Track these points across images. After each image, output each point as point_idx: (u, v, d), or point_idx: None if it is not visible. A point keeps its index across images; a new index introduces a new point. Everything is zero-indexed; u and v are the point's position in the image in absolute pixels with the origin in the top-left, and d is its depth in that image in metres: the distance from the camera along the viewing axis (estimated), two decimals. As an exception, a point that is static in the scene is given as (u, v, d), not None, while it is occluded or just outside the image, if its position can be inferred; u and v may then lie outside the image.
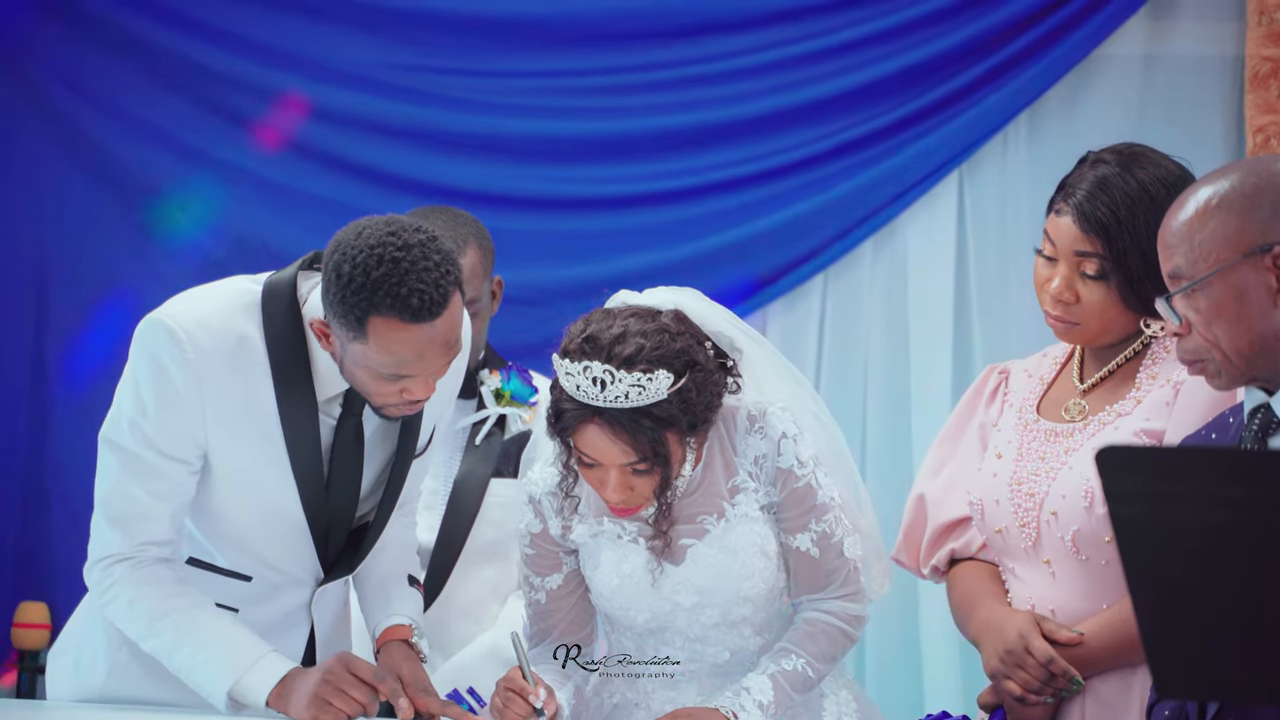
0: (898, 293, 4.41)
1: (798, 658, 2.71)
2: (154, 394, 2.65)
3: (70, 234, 4.54)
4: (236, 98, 4.52)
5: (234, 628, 2.69)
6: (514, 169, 4.45)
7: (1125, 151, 2.83)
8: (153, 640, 2.69)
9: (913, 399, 4.35)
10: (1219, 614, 1.78)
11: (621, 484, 2.63)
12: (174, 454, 2.67)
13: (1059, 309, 2.83)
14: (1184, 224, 2.29)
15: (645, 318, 2.64)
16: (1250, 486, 1.73)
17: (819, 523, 2.73)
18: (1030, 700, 2.72)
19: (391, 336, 2.53)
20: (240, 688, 2.64)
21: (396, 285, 2.50)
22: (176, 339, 2.64)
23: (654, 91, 4.45)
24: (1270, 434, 2.27)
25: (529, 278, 4.25)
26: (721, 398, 2.70)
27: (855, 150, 4.39)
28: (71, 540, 4.47)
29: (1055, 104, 4.36)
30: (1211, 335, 2.28)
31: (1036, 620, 2.74)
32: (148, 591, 2.68)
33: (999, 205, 4.38)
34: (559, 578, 2.80)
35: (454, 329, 2.59)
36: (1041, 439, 2.85)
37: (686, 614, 2.73)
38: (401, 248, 2.52)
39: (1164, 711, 2.37)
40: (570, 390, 2.59)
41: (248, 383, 2.67)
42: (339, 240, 2.57)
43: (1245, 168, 2.31)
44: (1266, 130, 4.15)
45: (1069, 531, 2.74)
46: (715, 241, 4.36)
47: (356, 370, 2.61)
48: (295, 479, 2.70)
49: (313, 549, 2.77)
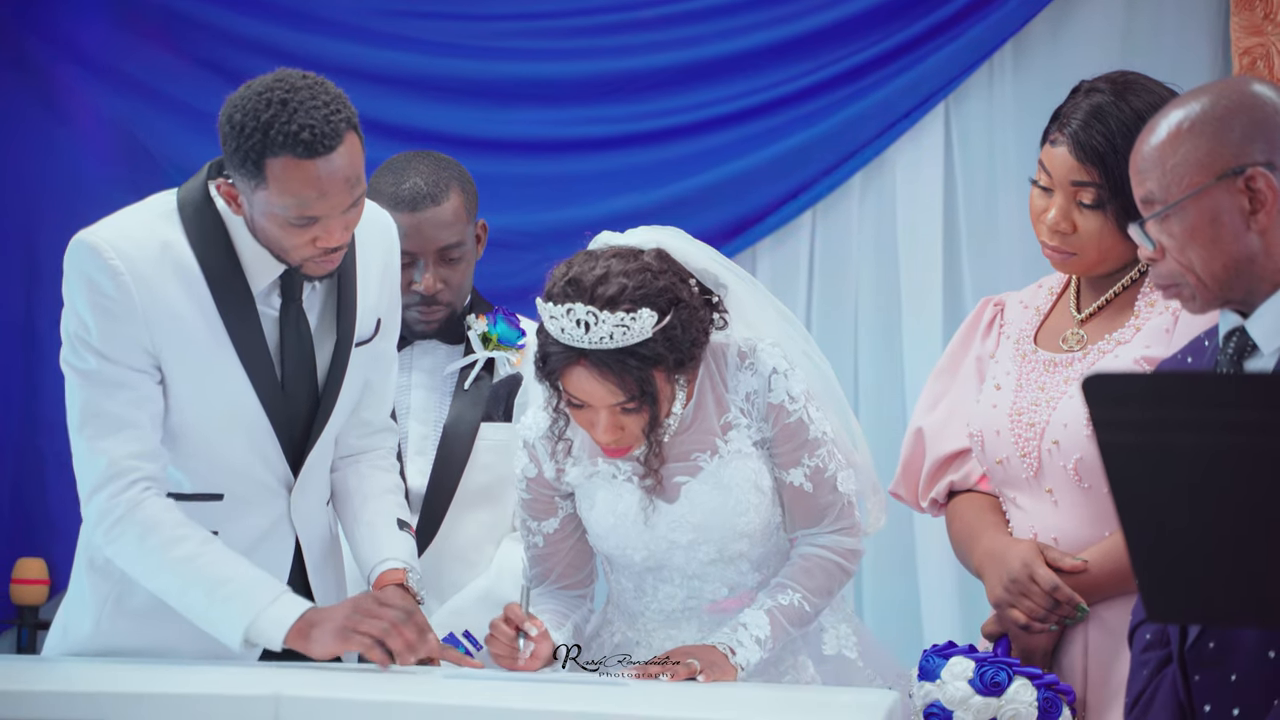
0: (887, 227, 4.40)
1: (794, 592, 2.72)
2: (91, 309, 2.67)
3: (59, 193, 4.52)
4: (220, 48, 4.49)
5: (247, 567, 2.69)
6: (497, 112, 4.44)
7: (1119, 80, 2.83)
8: (160, 578, 2.69)
9: (904, 333, 4.35)
10: (1209, 539, 1.78)
11: (611, 424, 2.64)
12: (130, 363, 2.68)
13: (1056, 239, 2.83)
14: (1155, 148, 2.28)
15: (627, 258, 2.64)
16: (1239, 410, 1.73)
17: (811, 458, 2.74)
18: (1035, 628, 2.73)
19: (289, 176, 2.59)
20: (256, 628, 2.64)
21: (286, 123, 2.57)
22: (100, 251, 2.67)
23: (636, 31, 4.43)
24: (1245, 357, 2.27)
25: (514, 221, 4.24)
26: (708, 334, 2.71)
27: (841, 85, 4.38)
28: (67, 496, 4.45)
29: (1040, 33, 4.34)
30: (1185, 259, 2.27)
31: (1040, 549, 2.75)
32: (154, 529, 2.67)
33: (986, 136, 4.37)
34: (555, 522, 2.82)
35: (354, 167, 2.62)
36: (1040, 369, 2.85)
37: (683, 551, 2.75)
38: (289, 90, 2.60)
39: (1145, 635, 2.38)
40: (555, 333, 2.60)
41: (182, 285, 2.69)
42: (230, 98, 2.65)
43: (1216, 90, 2.29)
44: (1252, 52, 4.13)
45: (1071, 460, 2.75)
46: (702, 180, 4.35)
47: (266, 224, 2.65)
48: (247, 373, 2.72)
49: (278, 447, 2.77)
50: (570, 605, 2.84)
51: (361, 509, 2.89)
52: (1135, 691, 2.37)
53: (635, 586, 2.81)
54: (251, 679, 2.49)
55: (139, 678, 2.51)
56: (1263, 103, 2.26)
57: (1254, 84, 2.30)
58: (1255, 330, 2.28)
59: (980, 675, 2.50)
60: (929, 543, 4.21)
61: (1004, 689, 2.49)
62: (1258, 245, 2.25)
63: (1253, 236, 2.25)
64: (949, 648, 2.57)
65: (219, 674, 2.54)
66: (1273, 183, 2.24)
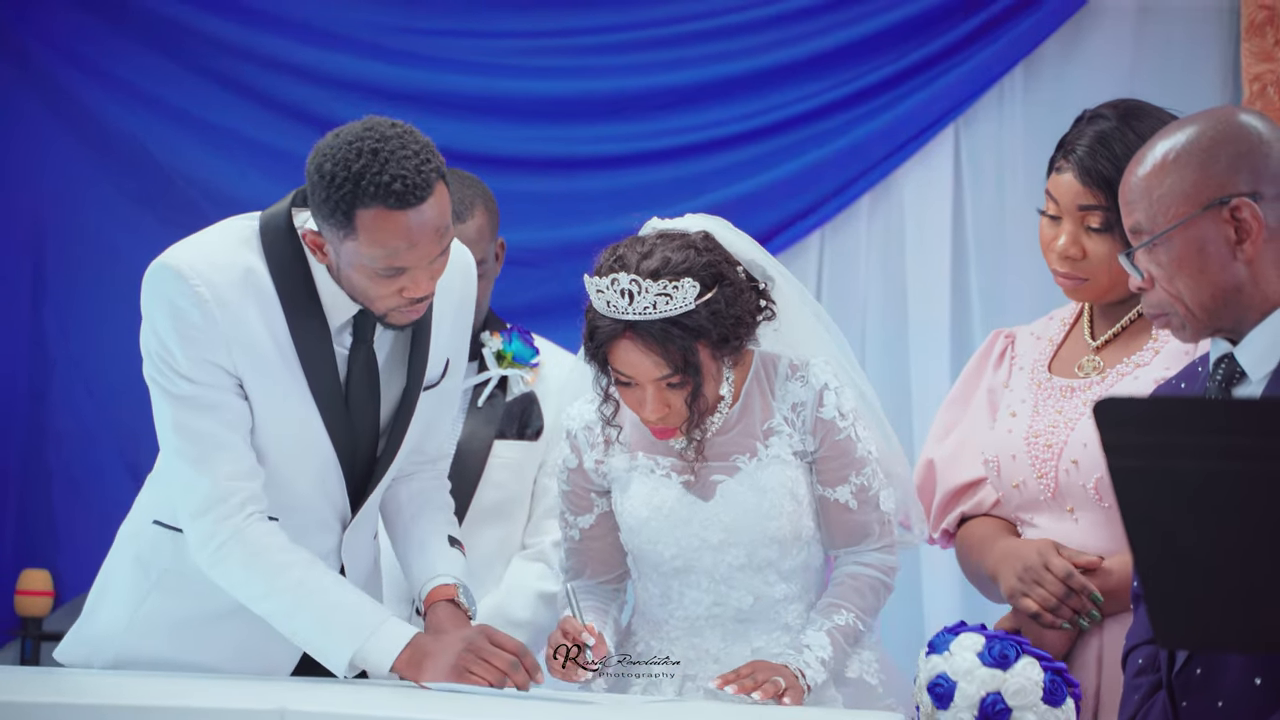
0: (895, 248, 4.41)
1: (848, 612, 2.77)
2: (175, 334, 2.65)
3: (67, 203, 4.53)
4: (229, 62, 4.51)
5: (354, 593, 2.70)
6: (509, 129, 4.45)
7: (1122, 106, 2.85)
8: (269, 602, 2.67)
9: (911, 353, 4.36)
10: (1219, 565, 1.78)
11: (658, 401, 2.69)
12: (219, 384, 2.66)
13: (1066, 265, 2.85)
14: (1143, 179, 2.29)
15: (673, 237, 2.71)
16: (1246, 436, 1.73)
17: (858, 475, 2.79)
18: (1047, 619, 2.73)
19: (379, 226, 2.55)
20: (363, 653, 2.64)
21: (377, 174, 2.53)
22: (185, 277, 2.64)
23: (646, 50, 4.45)
24: (1234, 384, 2.28)
25: (526, 239, 4.25)
26: (755, 318, 2.75)
27: (851, 105, 4.39)
28: (72, 507, 4.49)
29: (1050, 57, 4.35)
30: (1174, 289, 2.28)
31: (1056, 545, 2.77)
32: (260, 554, 2.65)
33: (995, 158, 4.38)
34: (590, 518, 2.87)
35: (443, 216, 2.60)
36: (1057, 395, 2.86)
37: (712, 552, 2.77)
38: (379, 139, 2.56)
39: (1138, 660, 2.39)
40: (601, 308, 2.66)
41: (260, 312, 2.67)
42: (318, 146, 2.60)
43: (1203, 120, 2.30)
44: (1263, 78, 4.14)
45: (1091, 479, 2.76)
46: (711, 199, 4.35)
47: (353, 274, 2.62)
48: (317, 405, 2.70)
49: (342, 482, 2.76)
50: (607, 599, 2.89)
51: (412, 526, 2.89)
52: (1127, 716, 2.38)
53: (662, 592, 2.83)
54: (257, 693, 2.48)
55: (145, 690, 2.51)
56: (1248, 133, 2.27)
57: (1240, 114, 2.31)
58: (1244, 358, 2.29)
59: (989, 649, 2.49)
60: (935, 571, 4.22)
61: (1011, 663, 2.48)
62: (1245, 274, 2.26)
63: (1239, 266, 2.26)
64: (960, 626, 2.57)
65: (225, 687, 2.54)
66: (1258, 213, 2.25)
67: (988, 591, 2.92)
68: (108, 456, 4.46)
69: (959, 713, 2.48)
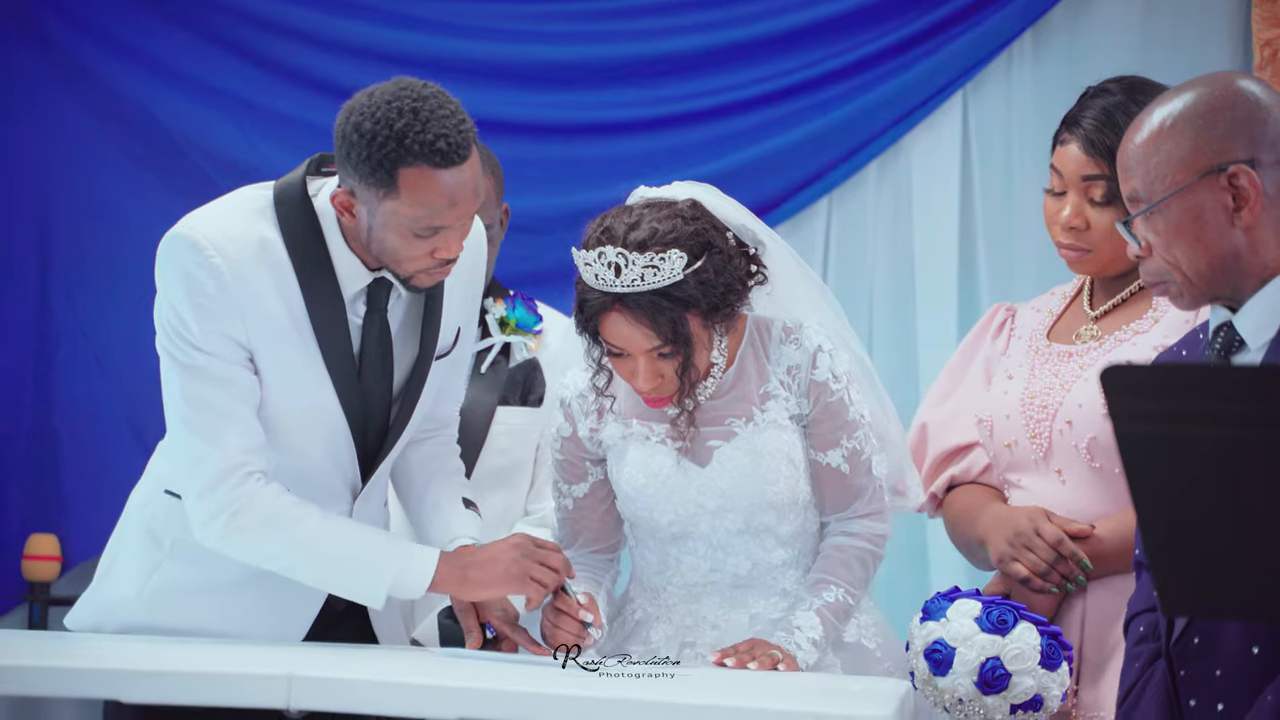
0: (902, 215, 4.40)
1: (837, 587, 2.77)
2: (190, 305, 2.64)
3: (74, 171, 4.52)
4: (238, 29, 4.49)
5: (373, 530, 2.73)
6: (514, 95, 4.43)
7: (1127, 81, 2.88)
8: (292, 555, 2.67)
9: (918, 320, 4.36)
10: (1225, 533, 1.78)
11: (650, 371, 2.69)
12: (231, 358, 2.66)
13: (1070, 237, 2.86)
14: (1140, 146, 2.28)
15: (660, 206, 2.71)
16: (1256, 403, 1.73)
17: (850, 439, 2.79)
18: (1036, 584, 2.75)
19: (423, 185, 2.57)
20: (401, 578, 2.67)
21: (420, 132, 2.55)
22: (200, 248, 2.64)
23: (652, 16, 4.43)
24: (1233, 352, 2.27)
25: (530, 205, 4.23)
26: (746, 285, 2.75)
27: (858, 72, 4.37)
28: (80, 473, 4.50)
29: (1059, 23, 4.33)
30: (1171, 257, 2.27)
31: (1046, 511, 2.78)
32: (277, 514, 2.66)
33: (1004, 125, 4.36)
34: (584, 487, 2.87)
35: (478, 177, 2.63)
36: (1054, 360, 2.89)
37: (710, 517, 2.77)
38: (417, 98, 2.57)
39: (1139, 628, 2.39)
40: (590, 281, 2.66)
41: (275, 282, 2.67)
42: (351, 106, 2.61)
43: (1200, 86, 2.28)
44: (1273, 44, 4.12)
45: (1084, 439, 2.78)
46: (718, 166, 4.33)
47: (388, 234, 2.62)
48: (330, 375, 2.70)
49: (353, 452, 2.76)
50: (600, 569, 2.89)
51: (426, 490, 2.90)
52: (1127, 684, 2.38)
53: (659, 559, 2.83)
54: (264, 658, 2.49)
55: (152, 655, 2.52)
56: (1246, 99, 2.26)
57: (1239, 79, 2.30)
58: (1242, 326, 2.28)
59: (986, 614, 2.50)
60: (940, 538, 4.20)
61: (1010, 628, 2.49)
62: (1243, 242, 2.25)
63: (1237, 233, 2.25)
64: (954, 592, 2.58)
65: (232, 652, 2.55)
66: (1255, 180, 2.24)
67: (974, 558, 2.94)
68: (114, 422, 4.46)
69: (958, 678, 2.49)
